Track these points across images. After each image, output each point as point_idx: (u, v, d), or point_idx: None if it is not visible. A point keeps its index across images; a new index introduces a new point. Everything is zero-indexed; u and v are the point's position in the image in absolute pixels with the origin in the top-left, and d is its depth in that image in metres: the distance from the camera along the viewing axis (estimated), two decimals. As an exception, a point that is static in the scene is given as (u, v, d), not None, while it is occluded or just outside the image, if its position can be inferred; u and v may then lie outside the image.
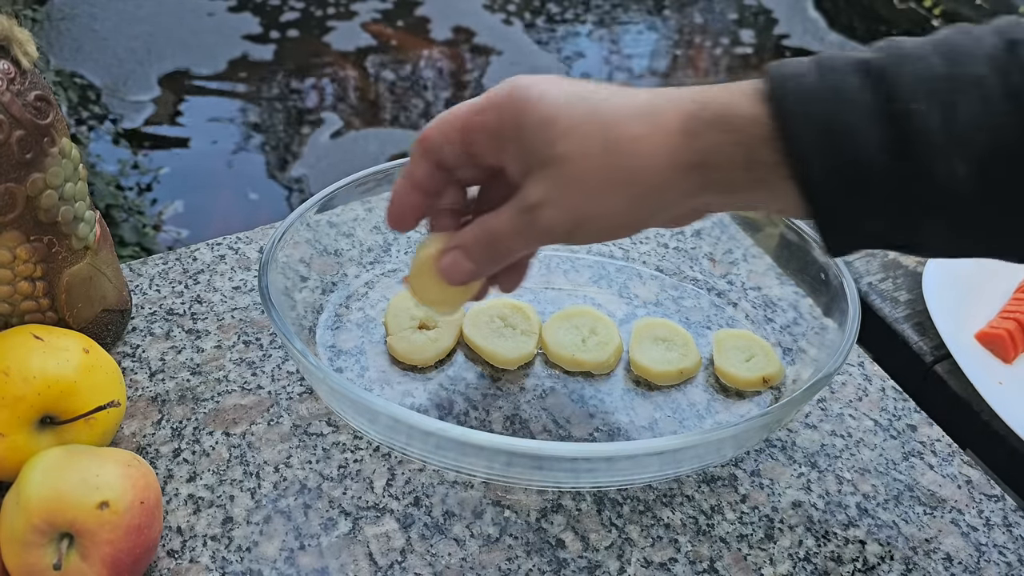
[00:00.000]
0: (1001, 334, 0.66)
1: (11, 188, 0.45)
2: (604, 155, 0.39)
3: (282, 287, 0.54)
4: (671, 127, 0.38)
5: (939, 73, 0.35)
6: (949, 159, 0.35)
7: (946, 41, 0.36)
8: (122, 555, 0.40)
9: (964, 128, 0.34)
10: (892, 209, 0.36)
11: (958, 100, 0.34)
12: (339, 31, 2.66)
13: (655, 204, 0.40)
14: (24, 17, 2.38)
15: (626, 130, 0.38)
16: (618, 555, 0.47)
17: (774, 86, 0.37)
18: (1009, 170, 0.34)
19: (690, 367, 0.56)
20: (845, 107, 0.35)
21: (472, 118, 0.42)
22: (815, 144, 0.36)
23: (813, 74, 0.36)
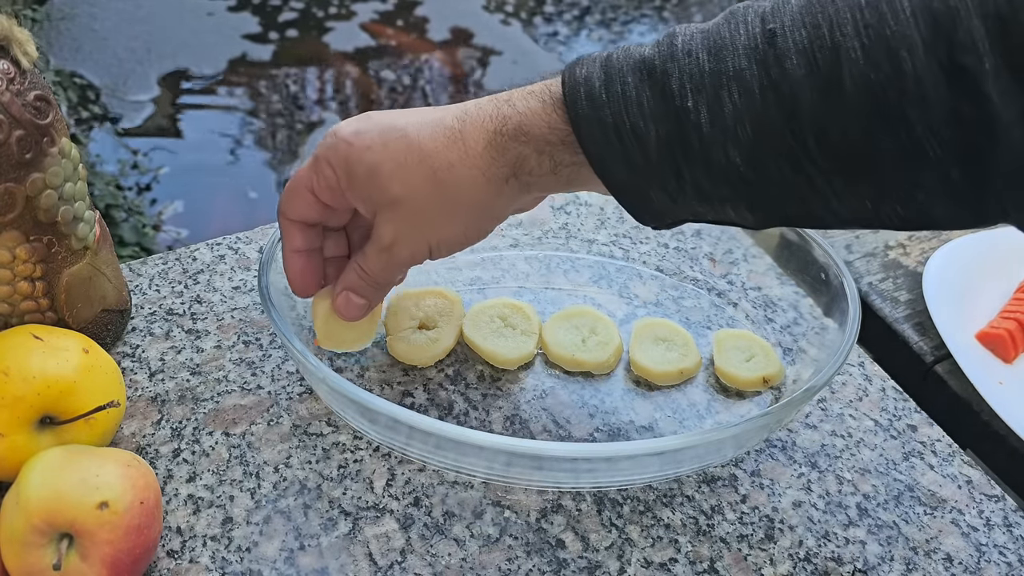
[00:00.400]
0: (1001, 334, 0.66)
1: (11, 188, 0.45)
2: (430, 188, 0.43)
3: (282, 287, 0.54)
4: (478, 148, 0.43)
5: (705, 69, 0.38)
6: (722, 146, 0.38)
7: (714, 33, 0.39)
8: (122, 555, 0.40)
9: (729, 120, 0.38)
10: (686, 190, 0.41)
11: (722, 95, 0.38)
12: (339, 31, 2.66)
13: (489, 214, 0.45)
14: (24, 17, 2.38)
15: (442, 159, 0.43)
16: (618, 555, 0.47)
17: (566, 92, 0.41)
18: (774, 150, 0.38)
19: (690, 367, 0.56)
20: (628, 109, 0.40)
21: (313, 181, 0.46)
22: (606, 145, 0.40)
23: (600, 78, 0.40)
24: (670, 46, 0.40)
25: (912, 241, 0.79)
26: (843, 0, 0.36)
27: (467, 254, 0.64)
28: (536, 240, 0.66)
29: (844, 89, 0.36)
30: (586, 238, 0.66)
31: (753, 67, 0.37)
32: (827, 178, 0.38)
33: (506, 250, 0.65)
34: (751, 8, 0.39)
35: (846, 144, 0.37)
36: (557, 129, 0.42)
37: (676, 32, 0.40)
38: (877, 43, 0.35)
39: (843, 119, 0.36)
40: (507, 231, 0.66)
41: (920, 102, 0.35)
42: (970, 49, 0.34)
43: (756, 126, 0.38)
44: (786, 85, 0.37)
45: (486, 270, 0.64)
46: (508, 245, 0.65)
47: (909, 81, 0.35)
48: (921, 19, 0.34)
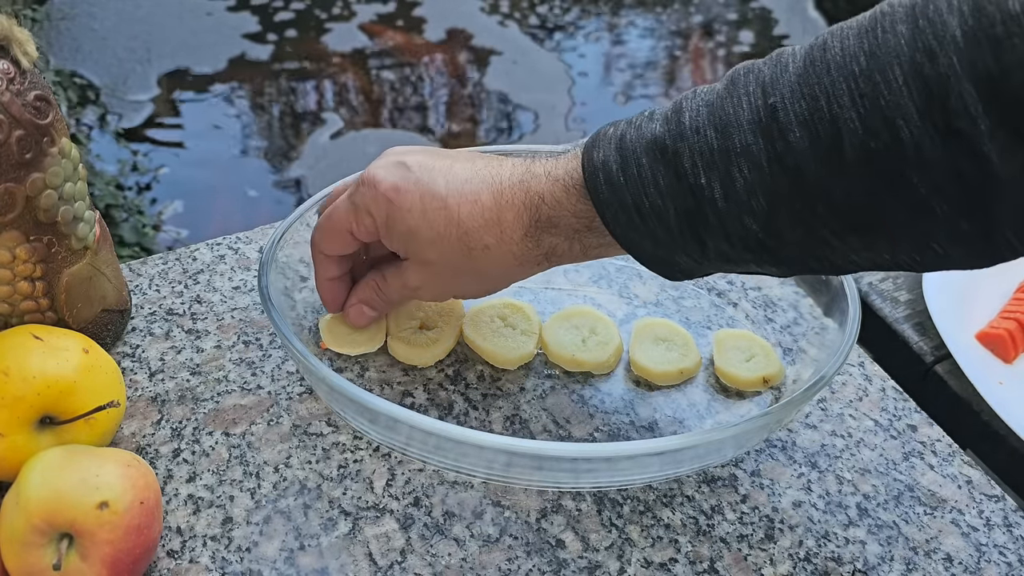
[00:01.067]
0: (1001, 334, 0.66)
1: (10, 188, 0.45)
2: (464, 262, 0.47)
3: (282, 287, 0.54)
4: (515, 237, 0.46)
5: (714, 147, 0.40)
6: (738, 218, 0.41)
7: (719, 108, 0.41)
8: (122, 555, 0.40)
9: (742, 194, 0.40)
10: (710, 259, 0.43)
11: (733, 172, 0.40)
12: (338, 32, 2.65)
13: (514, 280, 0.50)
14: (24, 17, 2.38)
15: (479, 240, 0.46)
16: (618, 555, 0.47)
17: (587, 178, 0.44)
18: (788, 219, 0.40)
19: (690, 367, 0.56)
20: (645, 190, 0.42)
21: (352, 225, 0.49)
22: (630, 225, 0.43)
23: (616, 161, 0.43)
24: (678, 124, 0.41)
25: (912, 241, 0.78)
26: (837, 71, 0.37)
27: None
28: (536, 240, 0.66)
29: (846, 158, 0.37)
30: (586, 238, 0.66)
31: (759, 141, 0.39)
32: (841, 238, 0.40)
33: (506, 250, 0.65)
34: (752, 77, 0.40)
35: (853, 208, 0.38)
36: (583, 217, 0.45)
37: (683, 107, 0.42)
38: (873, 113, 0.36)
39: (847, 185, 0.38)
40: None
41: (921, 166, 0.36)
42: (963, 114, 0.34)
43: (768, 197, 0.39)
44: (790, 157, 0.38)
45: (486, 270, 0.64)
46: (508, 245, 0.65)
47: (908, 148, 0.36)
48: (914, 87, 0.35)
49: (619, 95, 2.50)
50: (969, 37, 0.34)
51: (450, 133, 2.35)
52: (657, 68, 2.69)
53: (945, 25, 0.35)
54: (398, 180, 0.47)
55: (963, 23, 0.34)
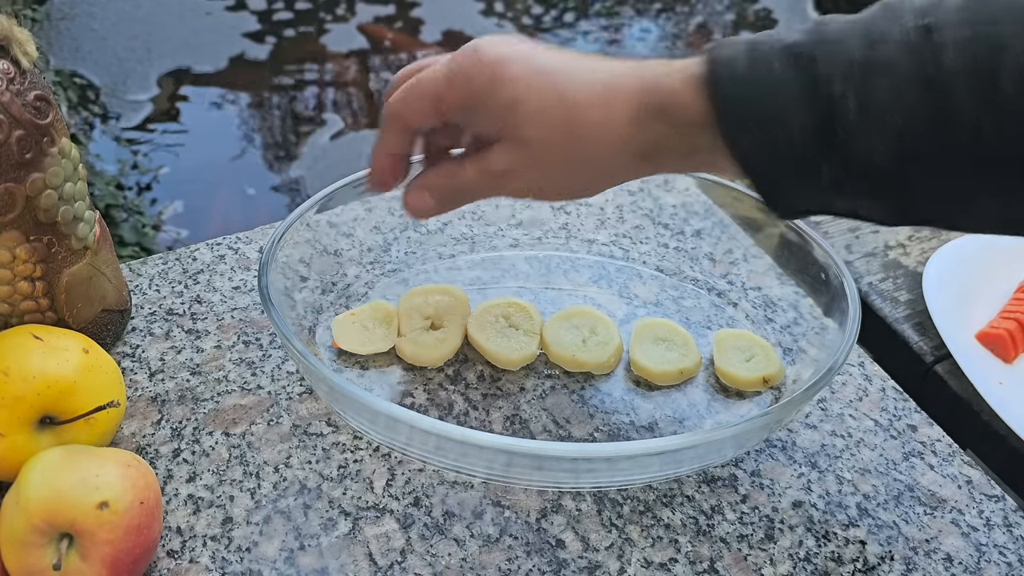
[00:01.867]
0: (1001, 334, 0.66)
1: (10, 188, 0.45)
2: (566, 140, 0.43)
3: (282, 287, 0.54)
4: (622, 118, 0.42)
5: (856, 58, 0.37)
6: (868, 137, 0.37)
7: (868, 20, 0.38)
8: (122, 555, 0.40)
9: (878, 111, 0.37)
10: (823, 182, 0.40)
11: (872, 85, 0.37)
12: (338, 33, 2.65)
13: (609, 179, 0.45)
14: (24, 17, 2.38)
15: (585, 117, 0.42)
16: (618, 555, 0.47)
17: (709, 71, 0.40)
18: (921, 147, 0.37)
19: (690, 367, 0.56)
20: (772, 93, 0.38)
21: (442, 92, 0.44)
22: (747, 129, 0.39)
23: (744, 60, 0.39)
24: (820, 32, 0.39)
25: (912, 241, 0.79)
26: (1002, 2, 0.35)
27: (467, 254, 0.65)
28: (536, 240, 0.66)
29: (1001, 88, 0.35)
30: (586, 238, 0.66)
31: (907, 58, 0.36)
32: (977, 175, 0.37)
33: (506, 250, 0.65)
34: (906, 5, 0.38)
35: (1001, 143, 0.36)
36: (699, 111, 0.41)
37: (827, 20, 0.39)
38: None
39: (1000, 118, 0.35)
40: (507, 231, 0.66)
41: None
42: None
43: (906, 118, 0.36)
44: (941, 79, 0.36)
45: (486, 270, 0.64)
46: (508, 245, 0.65)
47: None
48: None
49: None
50: None
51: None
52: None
53: None
54: (502, 51, 0.43)
55: None
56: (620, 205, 0.69)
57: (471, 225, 0.66)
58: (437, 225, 0.66)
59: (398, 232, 0.64)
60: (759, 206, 0.59)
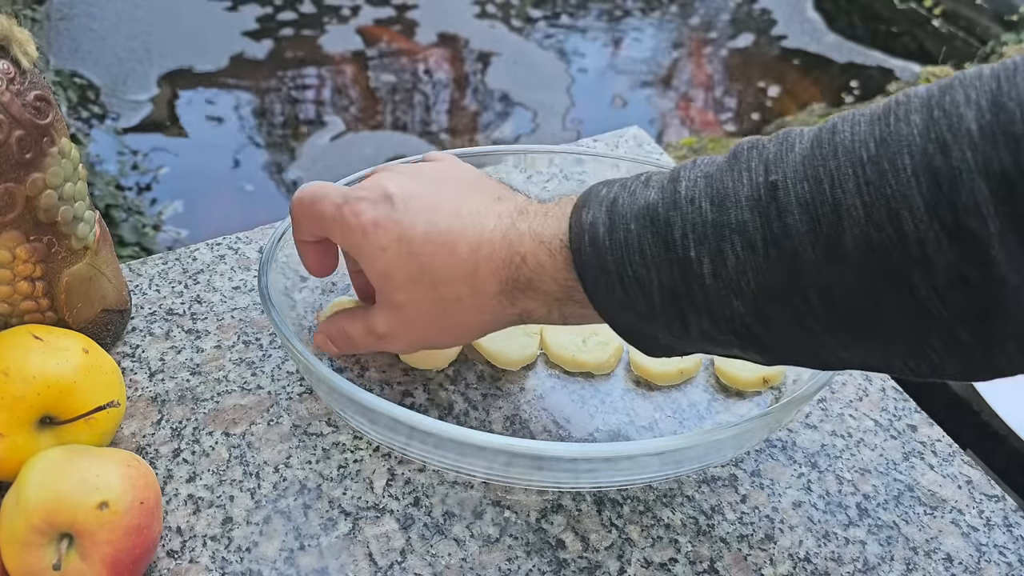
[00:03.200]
0: (1001, 334, 0.66)
1: (10, 188, 0.45)
2: (434, 310, 0.46)
3: (282, 287, 0.54)
4: (490, 292, 0.44)
5: (708, 219, 0.38)
6: (725, 299, 0.38)
7: (718, 180, 0.39)
8: (122, 555, 0.40)
9: (732, 273, 0.38)
10: (692, 337, 0.41)
11: (725, 248, 0.38)
12: (337, 33, 2.66)
13: (482, 335, 0.48)
14: (23, 17, 2.38)
15: (451, 290, 0.45)
16: (618, 555, 0.47)
17: (572, 238, 0.42)
18: (778, 305, 0.37)
19: (690, 367, 0.56)
20: (630, 257, 0.40)
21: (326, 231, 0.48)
22: (609, 292, 0.41)
23: (604, 224, 0.41)
24: (673, 192, 0.39)
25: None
26: (844, 155, 0.35)
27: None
28: (536, 240, 0.66)
29: (846, 249, 0.35)
30: (586, 238, 0.66)
31: (756, 219, 0.37)
32: (833, 334, 0.37)
33: (506, 250, 0.65)
34: (755, 153, 0.38)
35: (850, 303, 0.36)
36: (566, 285, 0.43)
37: (680, 176, 0.40)
38: (878, 202, 0.34)
39: (845, 278, 0.35)
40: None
41: (923, 264, 0.34)
42: (973, 212, 0.32)
43: (759, 280, 0.37)
44: (788, 241, 0.36)
45: (486, 270, 0.63)
46: (508, 245, 0.65)
47: (912, 243, 0.33)
48: (923, 179, 0.33)
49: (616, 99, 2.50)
50: (986, 132, 0.32)
51: (450, 131, 2.35)
52: (657, 67, 2.69)
53: (961, 118, 0.33)
54: (379, 217, 0.46)
55: (980, 117, 0.32)
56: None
57: (471, 225, 0.66)
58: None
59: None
60: None
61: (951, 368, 0.37)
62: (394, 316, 0.47)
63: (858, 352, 0.38)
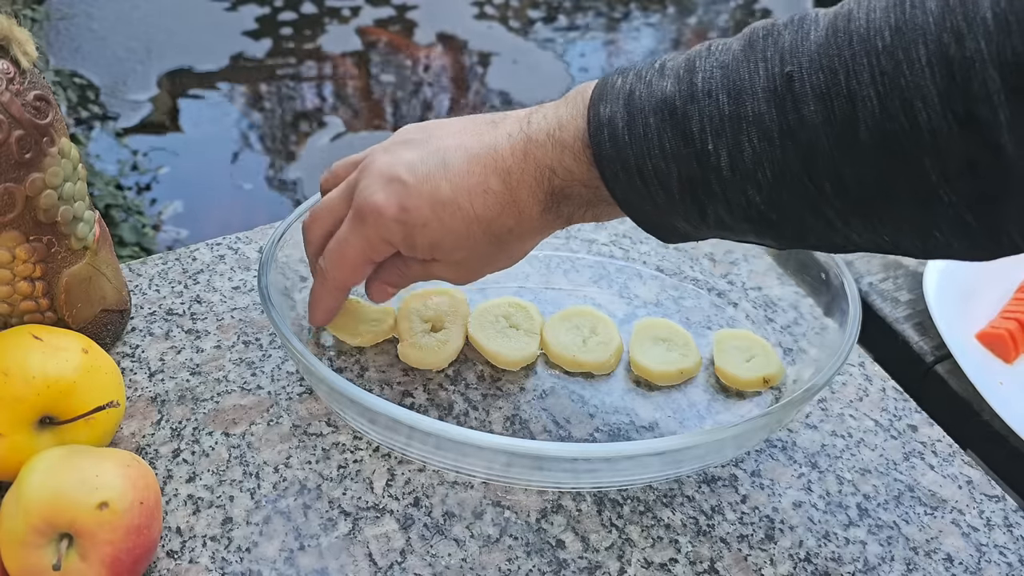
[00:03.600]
0: (1002, 334, 0.66)
1: (10, 188, 0.45)
2: (492, 250, 0.47)
3: (282, 287, 0.54)
4: (534, 212, 0.45)
5: (725, 112, 0.39)
6: (742, 189, 0.39)
7: (734, 71, 0.39)
8: (122, 555, 0.40)
9: (749, 164, 0.39)
10: (709, 225, 0.42)
11: (742, 140, 0.38)
12: (337, 34, 2.65)
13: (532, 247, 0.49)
14: (23, 17, 2.37)
15: (501, 225, 0.45)
16: (618, 556, 0.47)
17: (591, 133, 0.42)
18: (793, 194, 0.39)
19: (690, 367, 0.56)
20: (650, 151, 0.41)
21: (371, 255, 0.48)
22: (630, 186, 0.42)
23: (623, 118, 0.41)
24: (690, 84, 0.40)
25: (912, 241, 0.78)
26: (860, 43, 0.35)
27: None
28: (536, 240, 0.66)
29: (859, 138, 0.36)
30: (586, 238, 0.66)
31: (772, 111, 0.38)
32: (845, 219, 0.39)
33: (506, 250, 0.65)
34: (771, 41, 0.39)
35: (861, 190, 0.37)
36: (592, 186, 0.43)
37: (696, 67, 0.40)
38: (892, 92, 0.35)
39: (858, 167, 0.36)
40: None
41: (935, 152, 0.35)
42: (984, 100, 0.33)
43: (775, 170, 0.38)
44: (803, 132, 0.37)
45: (486, 270, 0.63)
46: (508, 245, 0.65)
47: (924, 132, 0.34)
48: (937, 69, 0.33)
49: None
50: (1000, 19, 0.32)
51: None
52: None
53: (977, 5, 0.33)
54: (402, 199, 0.45)
55: (995, 4, 0.32)
56: (620, 205, 0.69)
57: (471, 225, 0.66)
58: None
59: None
60: None
61: (956, 247, 0.38)
62: (457, 268, 0.49)
63: (869, 235, 0.39)
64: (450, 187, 0.45)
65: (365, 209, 0.46)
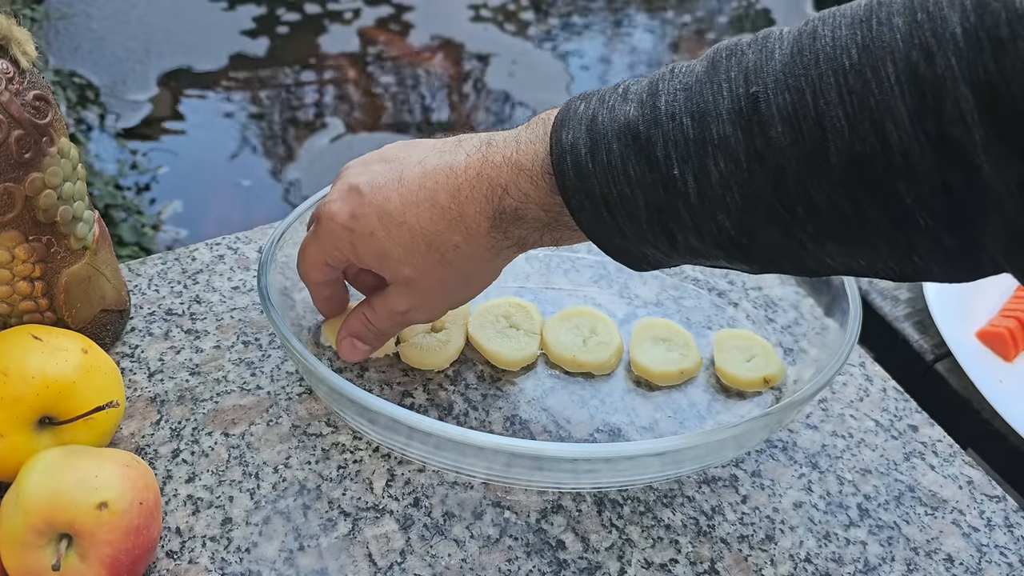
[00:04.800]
0: (1002, 332, 0.66)
1: (10, 188, 0.45)
2: (440, 269, 0.46)
3: (281, 287, 0.54)
4: (481, 231, 0.44)
5: (690, 136, 0.37)
6: (711, 215, 0.38)
7: (697, 94, 0.38)
8: (121, 556, 0.40)
9: (717, 189, 0.37)
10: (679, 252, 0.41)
11: (708, 164, 0.37)
12: (336, 34, 2.65)
13: (493, 275, 0.49)
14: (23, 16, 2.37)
15: (447, 241, 0.45)
16: (618, 556, 0.47)
17: (554, 160, 0.41)
18: (764, 217, 0.37)
19: (691, 367, 0.56)
20: (614, 179, 0.39)
21: (322, 258, 0.49)
22: (596, 215, 0.41)
23: (585, 144, 0.40)
24: (653, 108, 0.39)
25: (912, 241, 0.78)
26: (826, 62, 0.34)
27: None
28: (536, 240, 0.66)
29: (829, 160, 0.35)
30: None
31: (738, 133, 0.36)
32: (818, 242, 0.38)
33: (506, 250, 0.65)
34: (734, 61, 0.38)
35: (834, 213, 0.36)
36: (552, 211, 0.43)
37: (659, 90, 0.39)
38: (861, 112, 0.33)
39: (830, 190, 0.35)
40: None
41: (908, 174, 0.33)
42: (958, 121, 0.32)
43: (743, 194, 0.37)
44: (771, 155, 0.36)
45: (486, 270, 0.63)
46: (508, 245, 0.65)
47: (896, 154, 0.33)
48: (907, 87, 0.32)
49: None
50: (970, 36, 0.31)
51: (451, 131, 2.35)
52: (656, 66, 2.68)
53: (945, 21, 0.32)
54: (353, 208, 0.46)
55: (964, 20, 0.31)
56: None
57: (471, 225, 0.66)
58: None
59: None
60: None
61: (936, 270, 0.37)
62: (407, 290, 0.48)
63: (843, 259, 0.38)
64: (399, 200, 0.45)
65: (321, 214, 0.48)
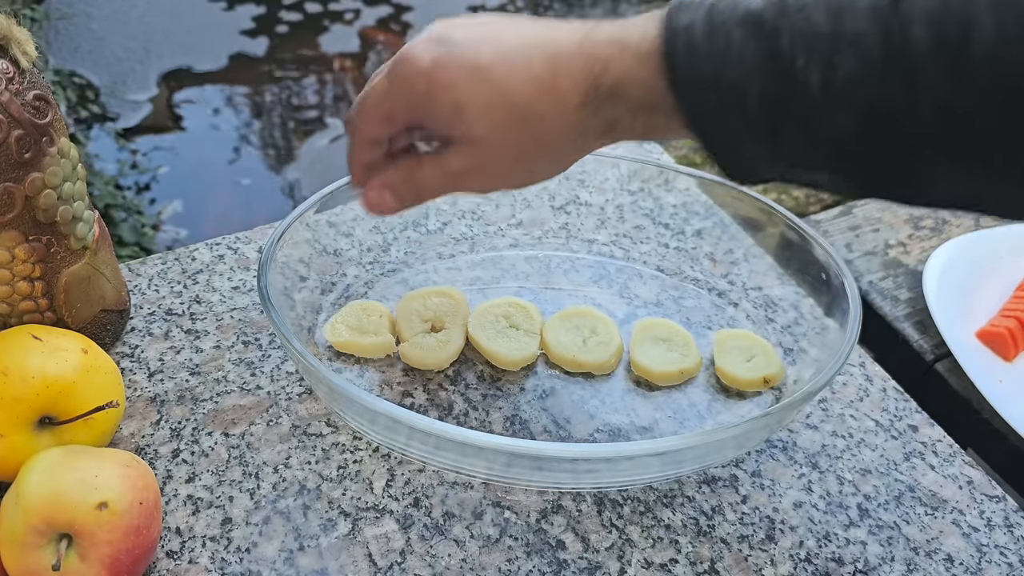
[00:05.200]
0: (1002, 332, 0.66)
1: (9, 188, 0.45)
2: (517, 135, 0.42)
3: (281, 287, 0.54)
4: (572, 103, 0.41)
5: (821, 30, 0.35)
6: (831, 113, 0.36)
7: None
8: (121, 556, 0.40)
9: (843, 88, 0.35)
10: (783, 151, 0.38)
11: (836, 60, 0.35)
12: (336, 34, 2.65)
13: (565, 163, 0.44)
14: (23, 16, 2.37)
15: (532, 109, 0.41)
16: (619, 556, 0.47)
17: (666, 39, 0.38)
18: (889, 124, 0.35)
19: (691, 367, 0.56)
20: (730, 64, 0.37)
21: (387, 104, 0.44)
22: (702, 100, 0.38)
23: (702, 27, 0.37)
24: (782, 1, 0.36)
25: (912, 239, 0.78)
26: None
27: (467, 254, 0.64)
28: (536, 240, 0.66)
29: (972, 66, 0.33)
30: (586, 238, 0.66)
31: (875, 30, 0.34)
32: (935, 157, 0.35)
33: (506, 250, 0.65)
34: None
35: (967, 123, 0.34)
36: (653, 91, 0.39)
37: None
38: (1011, 19, 0.32)
39: (967, 97, 0.33)
40: (507, 231, 0.66)
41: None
42: None
43: (871, 95, 0.35)
44: (908, 56, 0.34)
45: (486, 270, 0.64)
46: (508, 245, 0.65)
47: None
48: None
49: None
50: None
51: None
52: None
53: None
54: (439, 55, 0.42)
55: None
56: (620, 205, 0.69)
57: (471, 225, 0.66)
58: (437, 225, 0.66)
59: (398, 232, 0.64)
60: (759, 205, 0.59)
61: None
62: (473, 150, 0.43)
63: (960, 182, 0.36)
64: (491, 56, 0.41)
65: (402, 56, 0.43)
